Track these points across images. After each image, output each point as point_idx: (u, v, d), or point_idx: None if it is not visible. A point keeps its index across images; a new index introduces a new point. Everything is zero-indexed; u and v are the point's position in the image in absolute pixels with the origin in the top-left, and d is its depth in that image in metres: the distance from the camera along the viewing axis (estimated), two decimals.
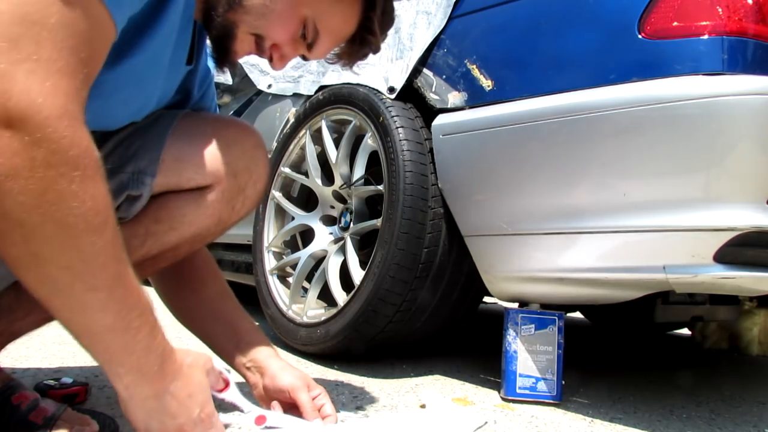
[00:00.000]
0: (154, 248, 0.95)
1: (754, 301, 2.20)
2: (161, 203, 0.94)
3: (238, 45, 0.88)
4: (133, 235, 0.91)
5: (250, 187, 1.01)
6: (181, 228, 0.95)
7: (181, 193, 0.95)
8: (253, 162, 1.01)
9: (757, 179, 1.05)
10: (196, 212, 0.96)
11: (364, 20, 0.93)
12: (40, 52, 0.59)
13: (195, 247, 1.02)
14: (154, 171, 0.91)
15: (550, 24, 1.30)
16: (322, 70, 1.95)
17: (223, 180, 0.97)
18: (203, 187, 0.96)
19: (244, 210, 1.03)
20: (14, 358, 1.32)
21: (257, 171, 1.02)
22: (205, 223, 0.98)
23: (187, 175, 0.94)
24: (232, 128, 1.01)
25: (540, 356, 1.34)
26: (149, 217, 0.93)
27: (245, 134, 1.01)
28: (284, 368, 1.02)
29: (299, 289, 1.76)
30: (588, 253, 1.20)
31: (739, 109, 1.03)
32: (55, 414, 0.85)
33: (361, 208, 1.69)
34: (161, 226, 0.94)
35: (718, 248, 1.05)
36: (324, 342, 1.53)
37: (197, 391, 0.76)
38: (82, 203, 0.61)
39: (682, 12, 1.10)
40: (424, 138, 1.51)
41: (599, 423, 1.26)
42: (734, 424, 1.37)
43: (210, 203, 0.97)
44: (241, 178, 0.99)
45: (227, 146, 0.97)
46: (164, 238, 0.95)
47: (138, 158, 0.92)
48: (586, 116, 1.16)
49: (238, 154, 0.98)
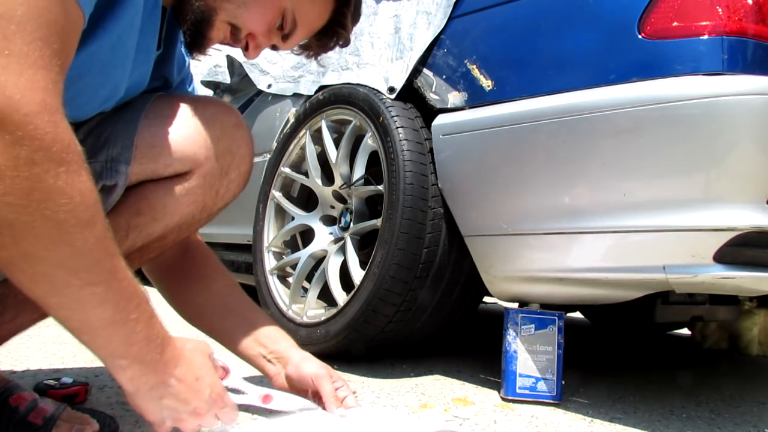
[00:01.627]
0: (139, 240, 0.91)
1: (754, 301, 2.20)
2: (140, 194, 0.90)
3: (214, 32, 0.88)
4: (115, 229, 0.88)
5: (234, 169, 0.96)
6: (163, 218, 0.91)
7: (160, 181, 0.91)
8: (235, 143, 0.96)
9: (757, 179, 1.05)
10: (177, 200, 0.91)
11: (336, 14, 0.94)
12: (11, 47, 0.57)
13: (182, 235, 0.98)
14: (128, 158, 0.87)
15: (550, 24, 1.30)
16: (322, 70, 1.95)
17: (203, 164, 0.92)
18: (183, 173, 0.91)
19: (229, 194, 0.98)
20: (14, 358, 1.32)
21: (239, 152, 0.97)
22: (188, 211, 0.93)
23: (164, 162, 0.89)
24: (210, 108, 0.95)
25: (540, 356, 1.34)
26: (129, 210, 0.89)
27: (224, 113, 0.96)
28: (307, 358, 1.01)
29: (299, 289, 1.76)
30: (588, 253, 1.20)
31: (739, 109, 1.03)
32: (55, 414, 0.85)
33: (361, 208, 1.69)
34: (143, 218, 0.90)
35: (718, 248, 1.05)
36: (324, 342, 1.53)
37: (204, 374, 0.76)
38: (70, 199, 0.60)
39: (682, 12, 1.10)
40: (424, 138, 1.51)
41: (599, 423, 1.26)
42: (734, 424, 1.37)
43: (191, 189, 0.92)
44: (223, 161, 0.94)
45: (205, 127, 0.92)
46: (148, 230, 0.91)
47: (110, 145, 0.88)
48: (586, 116, 1.16)
49: (217, 135, 0.93)
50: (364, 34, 1.77)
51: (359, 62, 1.73)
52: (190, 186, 0.92)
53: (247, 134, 0.99)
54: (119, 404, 1.07)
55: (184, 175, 0.92)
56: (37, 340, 1.50)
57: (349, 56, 1.79)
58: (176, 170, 0.91)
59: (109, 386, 1.18)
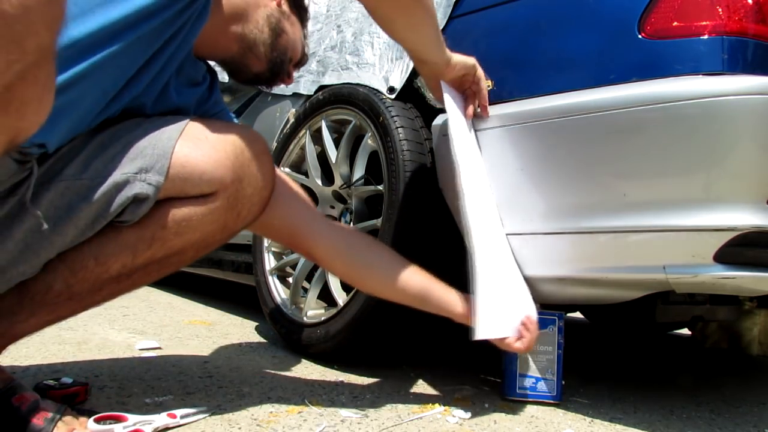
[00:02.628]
0: (160, 252, 0.96)
1: (754, 301, 2.19)
2: (166, 208, 0.94)
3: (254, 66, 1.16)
4: (140, 239, 0.93)
5: (256, 194, 1.02)
6: (185, 234, 0.96)
7: (186, 199, 0.96)
8: (260, 169, 1.02)
9: (757, 179, 1.05)
10: (200, 219, 0.97)
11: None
12: None
13: (200, 253, 1.03)
14: (163, 173, 0.91)
15: (550, 24, 1.30)
16: (321, 69, 1.95)
17: (228, 187, 0.98)
18: (208, 193, 0.97)
19: (250, 216, 1.04)
20: (14, 358, 1.32)
21: (264, 178, 1.03)
22: (209, 229, 0.99)
23: (193, 182, 0.95)
24: (242, 135, 1.02)
25: (540, 356, 1.34)
26: (155, 223, 0.94)
27: (252, 141, 1.03)
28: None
29: (299, 289, 1.76)
30: (588, 253, 1.20)
31: (739, 109, 1.03)
32: (56, 415, 0.85)
33: (361, 208, 1.69)
34: (167, 232, 0.95)
35: (718, 248, 1.05)
36: (324, 342, 1.53)
37: None
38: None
39: (682, 12, 1.10)
40: (424, 138, 1.51)
41: (599, 423, 1.26)
42: (734, 424, 1.37)
43: (215, 210, 0.97)
44: (248, 186, 1.00)
45: (234, 153, 0.98)
46: (169, 243, 0.96)
47: (146, 156, 0.92)
48: (587, 116, 1.16)
49: (244, 162, 0.99)
50: (364, 34, 1.77)
51: (359, 62, 1.73)
52: (214, 207, 0.97)
53: (271, 162, 1.07)
54: (119, 404, 1.07)
55: (210, 196, 0.97)
56: (37, 340, 1.50)
57: (349, 56, 1.79)
58: (203, 191, 0.96)
59: (109, 386, 1.18)
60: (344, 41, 1.90)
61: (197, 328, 1.95)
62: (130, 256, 0.93)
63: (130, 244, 0.93)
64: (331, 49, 1.97)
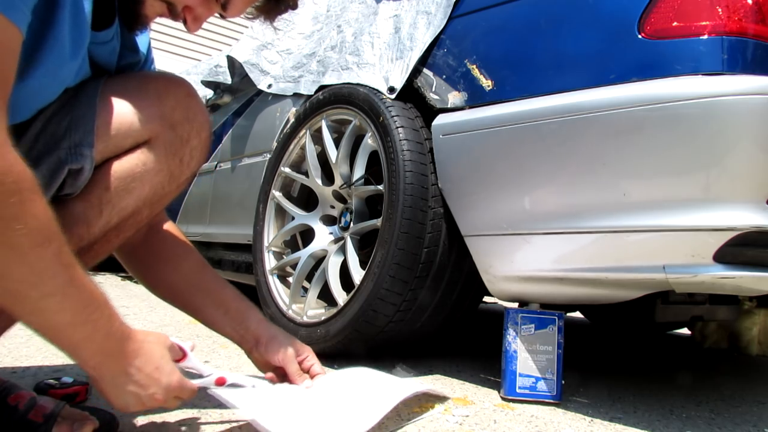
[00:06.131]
0: (114, 216, 0.94)
1: (754, 301, 2.19)
2: (106, 170, 0.92)
3: (147, 9, 0.91)
4: (88, 206, 0.91)
5: (194, 137, 0.99)
6: (135, 190, 0.94)
7: (123, 155, 0.94)
8: (190, 111, 0.99)
9: (757, 179, 1.05)
10: (143, 170, 0.94)
11: None
12: None
13: (155, 210, 1.01)
14: (90, 141, 0.89)
15: (550, 24, 1.30)
16: (322, 69, 1.95)
17: (160, 133, 0.95)
18: (143, 144, 0.94)
19: (194, 162, 1.01)
20: (15, 358, 1.32)
21: (197, 119, 1.00)
22: (157, 180, 0.96)
23: (123, 135, 0.92)
24: (161, 80, 0.98)
25: (540, 356, 1.34)
26: (99, 187, 0.92)
27: (175, 84, 0.99)
28: (273, 338, 1.12)
29: (299, 289, 1.76)
30: (588, 253, 1.20)
31: (739, 109, 1.03)
32: (55, 411, 0.85)
33: (361, 208, 1.69)
34: (113, 192, 0.93)
35: (718, 248, 1.05)
36: (324, 342, 1.53)
37: (162, 363, 0.84)
38: (24, 224, 0.66)
39: (682, 12, 1.10)
40: (424, 138, 1.51)
41: (599, 423, 1.26)
42: (734, 424, 1.37)
43: (154, 158, 0.95)
44: (181, 129, 0.97)
45: (158, 99, 0.95)
46: (120, 204, 0.94)
47: (72, 132, 0.90)
48: (586, 116, 1.16)
49: (172, 105, 0.96)
50: (364, 34, 1.77)
51: (359, 62, 1.73)
52: (153, 155, 0.95)
53: (201, 103, 1.03)
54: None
55: (144, 145, 0.95)
56: (37, 340, 1.49)
57: (349, 56, 1.79)
58: (136, 140, 0.94)
59: None
60: (344, 41, 1.91)
61: (198, 328, 1.95)
62: (84, 227, 0.91)
63: (80, 215, 0.90)
64: (331, 49, 1.97)
